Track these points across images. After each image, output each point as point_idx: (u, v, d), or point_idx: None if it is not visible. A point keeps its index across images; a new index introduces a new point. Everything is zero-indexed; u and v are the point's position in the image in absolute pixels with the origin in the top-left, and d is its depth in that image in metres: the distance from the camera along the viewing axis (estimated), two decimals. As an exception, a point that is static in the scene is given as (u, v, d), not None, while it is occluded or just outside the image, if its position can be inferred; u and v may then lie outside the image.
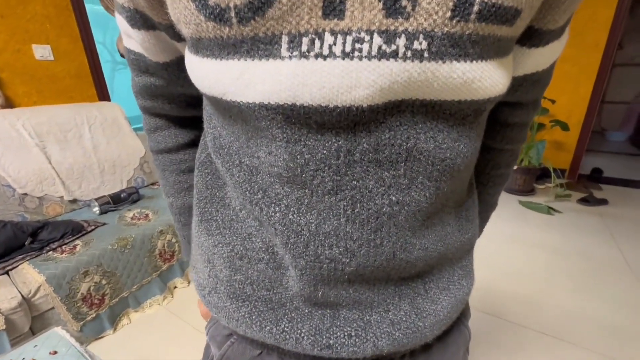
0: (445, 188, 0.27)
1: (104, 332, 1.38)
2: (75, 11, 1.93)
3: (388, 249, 0.27)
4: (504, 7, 0.21)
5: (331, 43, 0.21)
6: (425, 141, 0.25)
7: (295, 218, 0.27)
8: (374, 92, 0.22)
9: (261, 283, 0.31)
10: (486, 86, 0.23)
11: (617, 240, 1.98)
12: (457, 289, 0.34)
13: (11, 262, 1.26)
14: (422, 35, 0.20)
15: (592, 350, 1.23)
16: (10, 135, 1.56)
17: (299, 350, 0.31)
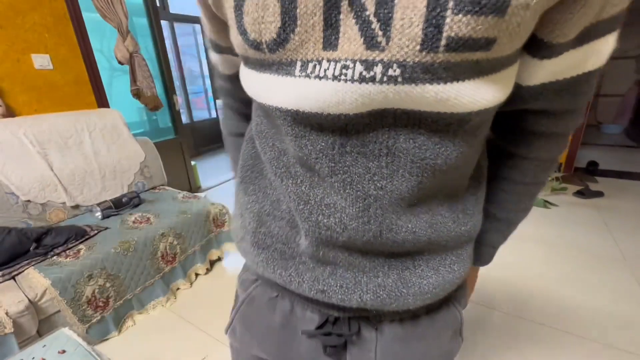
0: (427, 182, 0.31)
1: (109, 334, 1.41)
2: (73, 20, 1.96)
3: (375, 227, 0.32)
4: (473, 38, 0.24)
5: (326, 68, 0.27)
6: (405, 142, 0.29)
7: (306, 190, 0.34)
8: (357, 106, 0.27)
9: (279, 237, 0.39)
10: (463, 103, 0.27)
11: (612, 232, 2.00)
12: (448, 272, 0.37)
13: (17, 268, 1.29)
14: (395, 64, 0.25)
15: (588, 339, 1.26)
16: (12, 143, 1.59)
17: (299, 292, 0.38)
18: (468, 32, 0.23)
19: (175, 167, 2.85)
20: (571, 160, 2.97)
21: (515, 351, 1.23)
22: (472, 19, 0.23)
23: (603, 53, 0.30)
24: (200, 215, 1.79)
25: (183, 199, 1.93)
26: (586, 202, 2.45)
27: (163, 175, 2.22)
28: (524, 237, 2.00)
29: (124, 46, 2.20)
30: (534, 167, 0.40)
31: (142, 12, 2.61)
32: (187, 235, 1.72)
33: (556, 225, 2.13)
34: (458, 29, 0.23)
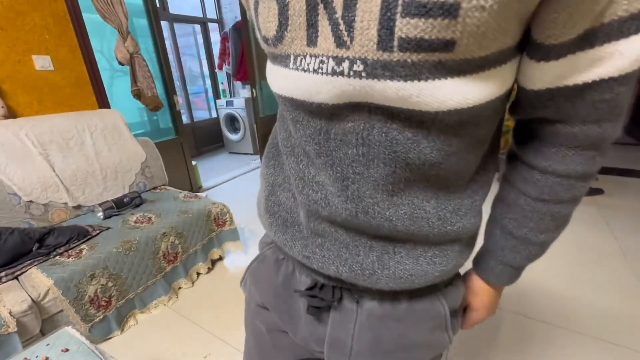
0: (402, 173, 0.33)
1: (111, 333, 1.42)
2: (73, 21, 1.97)
3: (351, 206, 0.36)
4: (426, 39, 0.25)
5: (309, 62, 0.31)
6: (378, 134, 0.32)
7: (303, 168, 0.39)
8: (332, 96, 0.31)
9: (285, 206, 0.44)
10: (428, 102, 0.28)
11: (613, 230, 2.01)
12: (427, 263, 0.39)
13: (20, 268, 1.30)
14: (359, 61, 0.28)
15: (589, 336, 1.27)
16: (14, 144, 1.60)
17: (292, 254, 0.44)
18: (418, 33, 0.25)
19: (176, 167, 2.86)
20: (571, 158, 2.97)
21: (516, 348, 1.24)
22: (420, 22, 0.25)
23: (620, 59, 0.27)
24: (201, 214, 1.80)
25: (184, 198, 1.94)
26: (586, 199, 2.45)
27: (164, 175, 2.23)
28: (524, 235, 2.00)
29: (124, 47, 2.21)
30: (552, 183, 0.37)
31: (142, 13, 2.61)
32: (189, 234, 1.72)
33: (556, 222, 2.13)
34: (408, 31, 0.25)
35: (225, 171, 3.69)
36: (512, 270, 0.45)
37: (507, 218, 0.42)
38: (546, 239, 0.41)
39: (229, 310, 1.54)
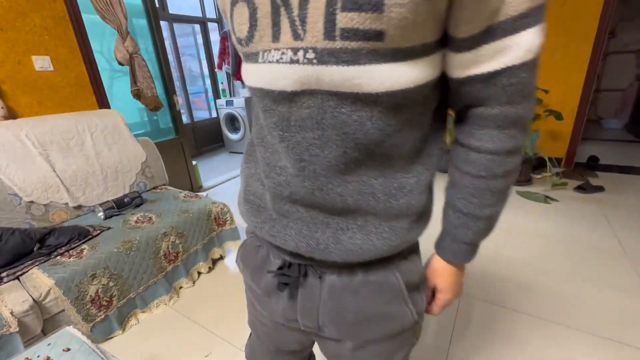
0: (352, 153, 0.39)
1: (113, 332, 1.42)
2: (73, 22, 1.97)
3: (308, 185, 0.41)
4: (361, 30, 0.32)
5: (273, 55, 0.37)
6: (331, 118, 0.37)
7: (269, 155, 0.45)
8: (290, 82, 0.36)
9: (257, 194, 0.50)
10: (367, 83, 0.34)
11: (613, 227, 2.00)
12: (378, 239, 0.44)
13: (21, 268, 1.30)
14: (310, 50, 0.34)
15: (590, 334, 1.27)
16: (14, 145, 1.60)
17: (261, 235, 0.50)
18: (354, 24, 0.31)
19: (177, 167, 2.86)
20: (572, 156, 2.97)
21: (516, 346, 1.24)
22: (355, 15, 0.31)
23: (515, 50, 0.34)
24: (201, 214, 1.80)
25: (184, 198, 1.94)
26: (587, 197, 2.45)
27: (164, 175, 2.23)
28: (525, 232, 2.00)
29: (124, 47, 2.21)
30: (486, 161, 0.42)
31: (142, 13, 2.61)
32: (189, 234, 1.73)
33: (557, 220, 2.13)
34: (346, 23, 0.32)
35: (225, 171, 3.69)
36: (467, 247, 0.49)
37: (456, 198, 0.48)
38: (490, 214, 0.46)
39: (230, 309, 1.54)
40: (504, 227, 2.09)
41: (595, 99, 4.33)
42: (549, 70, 2.83)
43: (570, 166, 2.99)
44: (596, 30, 2.58)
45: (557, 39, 2.73)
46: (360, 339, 0.52)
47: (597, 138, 3.85)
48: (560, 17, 2.67)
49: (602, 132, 4.10)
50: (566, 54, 2.73)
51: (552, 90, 2.83)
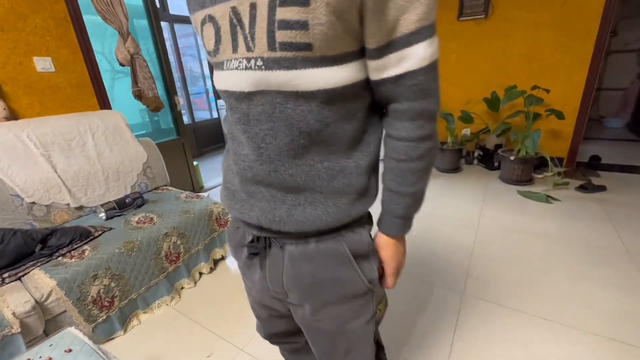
0: (299, 140, 0.48)
1: (114, 333, 1.42)
2: (74, 23, 1.97)
3: (266, 167, 0.51)
4: (295, 43, 0.42)
5: (234, 63, 0.48)
6: (280, 112, 0.47)
7: (236, 146, 0.56)
8: (247, 85, 0.47)
9: (231, 181, 0.60)
10: (303, 83, 0.44)
11: (615, 226, 2.00)
12: (324, 213, 0.53)
13: (23, 269, 1.30)
14: (260, 59, 0.44)
15: (592, 333, 1.26)
16: (16, 146, 1.61)
17: (235, 215, 0.60)
18: (289, 39, 0.41)
19: (178, 168, 2.86)
20: (573, 155, 2.96)
21: (518, 345, 1.23)
22: (289, 32, 0.41)
23: (412, 59, 0.44)
24: (203, 214, 1.80)
25: (186, 198, 1.94)
26: (589, 196, 2.44)
27: (166, 176, 2.23)
28: (526, 232, 1.99)
29: (125, 48, 2.21)
30: (404, 147, 0.52)
31: (143, 14, 2.62)
32: (191, 234, 1.73)
33: (559, 219, 2.12)
34: (283, 37, 0.41)
35: (226, 171, 3.68)
36: (401, 221, 0.58)
37: (388, 180, 0.56)
38: (414, 191, 0.55)
39: (231, 310, 1.54)
40: (505, 226, 2.09)
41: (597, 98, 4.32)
42: (550, 70, 2.83)
43: (572, 165, 2.98)
44: (597, 29, 2.57)
45: (558, 38, 2.72)
46: (318, 302, 0.59)
47: (599, 137, 3.84)
48: (562, 16, 2.66)
49: (603, 131, 4.08)
50: (567, 53, 2.72)
51: (554, 90, 2.82)
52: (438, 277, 1.65)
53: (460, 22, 3.07)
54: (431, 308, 1.46)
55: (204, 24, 0.49)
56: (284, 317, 0.73)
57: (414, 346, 1.27)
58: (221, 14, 0.46)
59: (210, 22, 0.48)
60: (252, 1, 0.43)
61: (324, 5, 0.40)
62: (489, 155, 3.12)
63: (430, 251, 1.88)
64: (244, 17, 0.44)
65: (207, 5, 0.48)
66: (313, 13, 0.40)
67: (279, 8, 0.41)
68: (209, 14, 0.48)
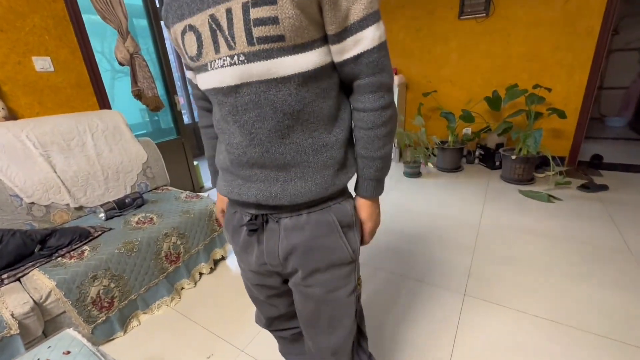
0: (284, 121, 0.55)
1: (114, 334, 1.41)
2: (73, 22, 1.97)
3: (258, 149, 0.58)
4: (269, 36, 0.49)
5: (217, 62, 0.54)
6: (264, 98, 0.54)
7: (227, 137, 0.61)
8: (232, 79, 0.54)
9: (228, 171, 0.66)
10: (280, 69, 0.52)
11: (618, 226, 1.98)
12: (313, 184, 0.60)
13: (22, 269, 1.29)
14: (242, 54, 0.51)
15: (595, 334, 1.25)
16: (15, 146, 1.60)
17: (234, 199, 0.66)
18: (264, 33, 0.49)
19: (178, 167, 2.85)
20: (575, 154, 2.95)
21: (521, 347, 1.22)
22: (264, 27, 0.49)
23: (365, 41, 0.54)
24: (203, 214, 1.79)
25: (186, 198, 1.93)
26: (591, 195, 2.42)
27: (165, 176, 2.22)
28: (528, 232, 1.98)
29: (125, 47, 2.20)
30: (369, 116, 0.60)
31: (142, 14, 2.61)
32: (191, 234, 1.72)
33: (561, 219, 2.11)
34: (259, 33, 0.49)
35: (226, 171, 3.68)
36: (374, 182, 0.67)
37: (359, 148, 0.65)
38: (382, 154, 0.64)
39: (232, 310, 1.54)
40: (507, 226, 2.07)
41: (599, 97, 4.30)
42: (551, 69, 2.81)
43: (574, 165, 2.97)
44: (599, 27, 2.55)
45: (559, 37, 2.71)
46: (308, 268, 0.66)
47: (601, 136, 3.82)
48: (563, 15, 2.65)
49: (605, 130, 4.06)
50: (569, 51, 2.71)
51: (555, 89, 2.81)
52: (439, 277, 1.64)
53: (461, 21, 3.05)
54: (433, 308, 1.45)
55: (185, 33, 0.56)
56: (282, 295, 0.79)
57: (416, 346, 1.26)
58: (201, 22, 0.53)
59: (190, 31, 0.55)
60: (227, 7, 0.50)
61: (289, 2, 0.48)
62: (490, 155, 3.11)
63: (431, 251, 1.87)
64: (222, 22, 0.51)
65: (185, 17, 0.55)
66: (281, 9, 0.48)
67: (252, 9, 0.48)
68: (188, 24, 0.55)
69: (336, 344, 0.73)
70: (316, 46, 0.53)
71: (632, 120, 4.10)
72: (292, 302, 0.81)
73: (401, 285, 1.60)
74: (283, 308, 0.83)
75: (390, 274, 1.70)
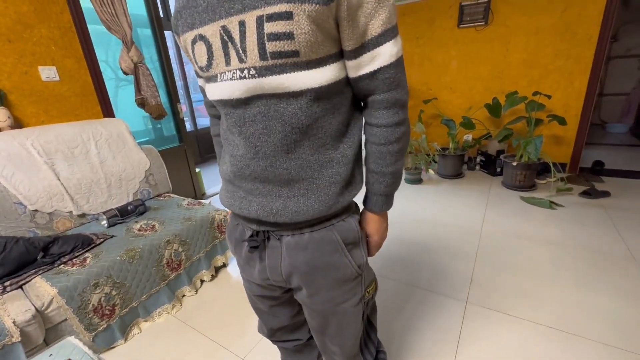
0: (292, 136, 0.54)
1: (115, 342, 1.41)
2: (79, 32, 2.01)
3: (262, 164, 0.57)
4: (283, 52, 0.48)
5: (227, 75, 0.53)
6: (274, 111, 0.53)
7: (232, 149, 0.61)
8: (242, 92, 0.53)
9: (231, 182, 0.65)
10: (293, 84, 0.50)
11: (620, 232, 1.97)
12: (316, 201, 0.58)
13: (24, 277, 1.30)
14: (252, 68, 0.50)
15: (600, 342, 1.24)
16: (20, 154, 1.62)
17: (233, 209, 0.65)
18: (278, 48, 0.48)
19: (180, 175, 2.87)
20: (576, 161, 2.95)
21: (523, 354, 1.21)
22: (278, 43, 0.47)
23: (382, 57, 0.53)
24: (204, 221, 1.80)
25: (188, 205, 1.94)
26: (593, 202, 2.42)
27: (168, 183, 2.24)
28: (530, 238, 1.97)
29: (129, 57, 2.24)
30: (383, 132, 0.59)
31: (146, 23, 2.66)
32: (192, 242, 1.72)
33: (563, 225, 2.10)
34: (273, 48, 0.48)
35: (228, 178, 3.69)
36: (383, 198, 0.66)
37: (370, 163, 0.64)
38: (393, 170, 0.63)
39: (233, 318, 1.53)
40: (509, 232, 2.07)
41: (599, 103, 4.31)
42: (551, 76, 2.83)
43: (575, 171, 2.96)
44: (598, 34, 2.57)
45: (559, 44, 2.73)
46: (312, 287, 0.65)
47: (602, 142, 3.82)
48: (562, 22, 2.67)
49: (606, 137, 4.06)
50: (568, 58, 2.73)
51: (555, 95, 2.82)
52: (441, 285, 1.63)
53: (460, 29, 3.09)
54: (435, 316, 1.44)
55: (195, 42, 0.55)
56: (284, 304, 0.78)
57: (418, 354, 1.25)
58: (212, 32, 0.52)
59: (201, 41, 0.54)
60: (240, 19, 0.49)
61: (305, 17, 0.46)
62: (491, 161, 3.11)
63: (433, 258, 1.86)
64: (234, 34, 0.50)
65: (196, 26, 0.54)
66: (297, 24, 0.46)
67: (266, 23, 0.47)
68: (199, 34, 0.54)
69: (344, 345, 0.75)
70: (331, 61, 0.52)
71: (633, 127, 4.10)
72: (295, 313, 0.81)
73: (402, 292, 1.60)
74: (286, 319, 0.82)
75: (391, 280, 1.70)
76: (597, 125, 4.32)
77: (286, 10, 0.46)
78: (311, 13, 0.46)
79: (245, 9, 0.48)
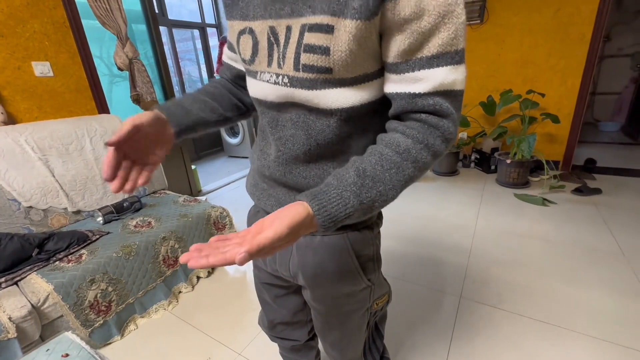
0: (313, 150, 0.52)
1: (111, 338, 1.41)
2: (73, 27, 1.98)
3: (281, 169, 0.57)
4: (316, 66, 0.45)
5: (266, 76, 0.52)
6: (302, 122, 0.51)
7: (262, 143, 0.62)
8: (275, 97, 0.52)
9: (256, 175, 0.65)
10: (323, 102, 0.47)
11: (611, 229, 2.01)
12: None
13: (20, 273, 1.30)
14: (286, 76, 0.48)
15: (589, 336, 1.27)
16: (13, 150, 1.61)
17: (254, 201, 0.66)
18: (311, 62, 0.44)
19: (176, 171, 2.86)
20: (569, 158, 2.99)
21: (515, 348, 1.24)
22: (312, 56, 0.44)
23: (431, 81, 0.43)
24: (201, 218, 1.80)
25: (184, 202, 1.94)
26: (584, 199, 2.46)
27: (164, 180, 2.23)
28: (523, 235, 2.01)
29: (124, 52, 2.22)
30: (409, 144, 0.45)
31: (141, 19, 2.63)
32: (188, 238, 1.73)
33: (555, 222, 2.14)
34: (306, 60, 0.45)
35: (224, 175, 3.69)
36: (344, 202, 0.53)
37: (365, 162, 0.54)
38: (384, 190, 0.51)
39: (229, 314, 1.54)
40: (502, 229, 2.10)
41: (592, 102, 4.36)
42: (545, 74, 2.86)
43: (568, 169, 3.01)
44: (591, 34, 2.61)
45: (552, 44, 2.76)
46: (318, 291, 0.64)
47: (594, 141, 3.87)
48: (556, 22, 2.70)
49: (599, 135, 4.12)
50: (562, 58, 2.76)
51: (549, 94, 2.85)
52: (435, 280, 1.66)
53: (456, 27, 3.10)
54: (429, 311, 1.46)
55: (243, 34, 0.54)
56: (289, 295, 0.78)
57: (412, 349, 1.27)
58: (260, 29, 0.50)
59: (249, 35, 0.52)
60: (288, 24, 0.47)
61: (347, 34, 0.41)
62: (486, 159, 3.14)
63: (427, 254, 1.89)
64: (280, 37, 0.48)
65: (249, 18, 0.52)
66: (336, 40, 0.42)
67: (307, 33, 0.44)
68: (249, 27, 0.52)
69: (344, 350, 0.74)
70: (367, 80, 0.47)
71: (624, 125, 4.16)
72: (298, 310, 0.81)
73: (397, 288, 1.62)
74: (287, 314, 0.81)
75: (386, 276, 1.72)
76: (589, 123, 4.37)
77: (328, 23, 0.42)
78: (352, 30, 0.41)
79: (294, 14, 0.45)
